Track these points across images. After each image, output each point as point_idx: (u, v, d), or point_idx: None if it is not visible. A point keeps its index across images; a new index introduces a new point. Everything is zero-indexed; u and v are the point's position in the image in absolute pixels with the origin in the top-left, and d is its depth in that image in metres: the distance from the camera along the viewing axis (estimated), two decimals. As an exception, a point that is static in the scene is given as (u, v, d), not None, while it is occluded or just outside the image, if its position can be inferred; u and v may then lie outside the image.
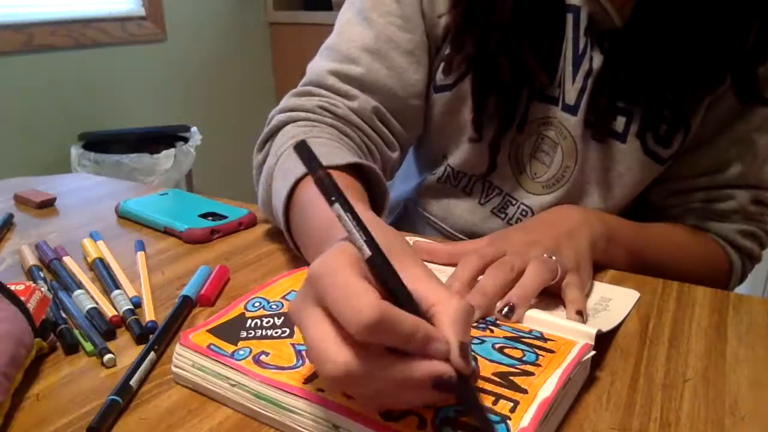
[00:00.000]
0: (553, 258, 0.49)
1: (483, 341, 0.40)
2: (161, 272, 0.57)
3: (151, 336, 0.44)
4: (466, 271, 0.48)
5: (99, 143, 1.88)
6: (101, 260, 0.57)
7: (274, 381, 0.36)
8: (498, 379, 0.36)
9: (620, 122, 0.63)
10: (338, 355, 0.30)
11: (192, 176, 2.11)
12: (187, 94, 2.33)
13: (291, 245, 0.55)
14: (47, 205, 0.76)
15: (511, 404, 0.34)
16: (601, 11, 0.60)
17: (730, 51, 0.58)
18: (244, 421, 0.37)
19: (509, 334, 0.42)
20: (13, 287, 0.44)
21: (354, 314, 0.29)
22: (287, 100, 0.65)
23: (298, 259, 0.55)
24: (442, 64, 0.66)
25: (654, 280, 0.55)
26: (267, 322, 0.42)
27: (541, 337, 0.41)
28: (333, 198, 0.34)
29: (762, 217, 0.67)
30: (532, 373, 0.37)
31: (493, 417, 0.33)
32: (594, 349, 0.40)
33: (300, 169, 0.52)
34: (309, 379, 0.36)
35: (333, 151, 0.56)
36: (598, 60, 0.62)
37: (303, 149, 0.35)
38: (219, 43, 2.43)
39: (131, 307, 0.49)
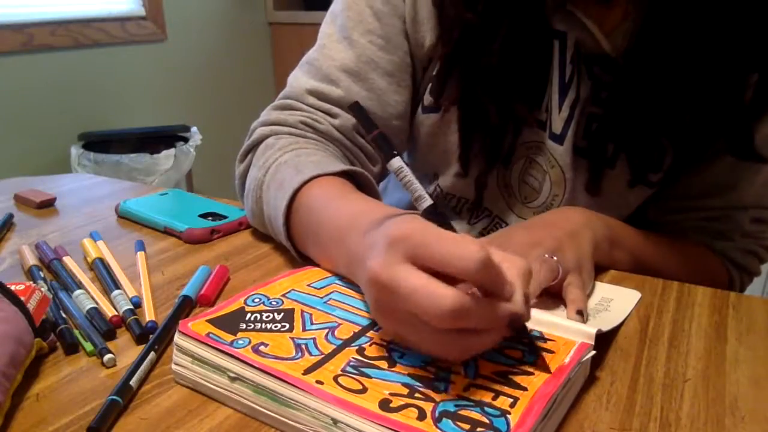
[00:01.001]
0: (555, 258, 0.49)
1: None
2: (161, 272, 0.57)
3: (151, 336, 0.44)
4: None
5: (99, 143, 1.88)
6: (101, 260, 0.57)
7: (273, 369, 0.36)
8: (498, 377, 0.37)
9: (609, 148, 0.63)
10: (449, 292, 0.33)
11: (192, 176, 2.12)
12: (187, 94, 2.33)
13: (291, 249, 0.55)
14: (47, 205, 0.76)
15: (511, 400, 0.34)
16: (589, 37, 0.60)
17: (725, 104, 0.58)
18: (244, 420, 0.37)
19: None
20: (13, 287, 0.44)
21: (464, 258, 0.34)
22: (269, 114, 0.66)
23: (296, 259, 0.55)
24: (430, 85, 0.66)
25: (654, 281, 0.55)
26: (267, 317, 0.42)
27: (541, 338, 0.41)
28: (395, 152, 0.40)
29: (761, 234, 0.67)
30: (531, 373, 0.37)
31: (492, 411, 0.33)
32: (594, 349, 0.40)
33: (297, 179, 0.53)
34: (308, 371, 0.36)
35: (324, 160, 0.57)
36: (585, 88, 0.61)
37: (358, 111, 0.41)
38: (219, 43, 2.43)
39: (131, 307, 0.49)
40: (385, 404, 0.33)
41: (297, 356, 0.38)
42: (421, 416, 0.33)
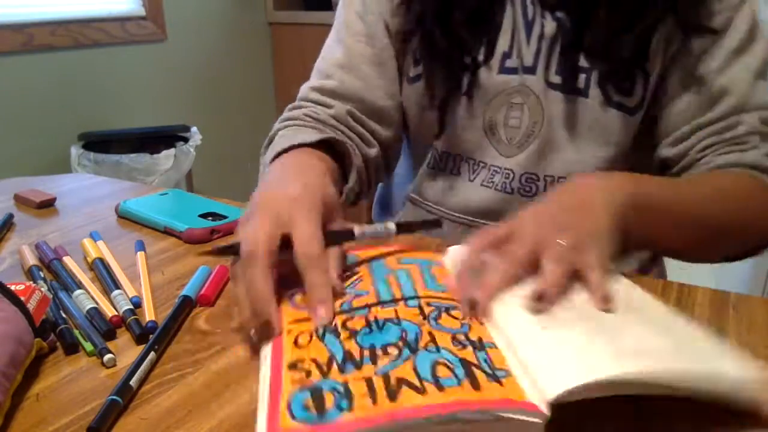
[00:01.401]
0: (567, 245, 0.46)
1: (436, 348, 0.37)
2: (161, 272, 0.57)
3: (151, 336, 0.44)
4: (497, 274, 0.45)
5: (99, 143, 1.88)
6: (101, 260, 0.57)
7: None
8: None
9: (581, 79, 0.68)
10: None
11: (192, 176, 2.12)
12: (187, 94, 2.33)
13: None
14: (47, 205, 0.76)
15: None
16: None
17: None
18: (244, 420, 0.37)
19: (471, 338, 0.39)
20: (13, 287, 0.44)
21: None
22: (285, 114, 0.75)
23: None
24: (410, 57, 0.75)
25: (654, 281, 0.55)
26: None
27: (494, 366, 0.36)
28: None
29: None
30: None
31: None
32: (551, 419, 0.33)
33: (284, 144, 0.63)
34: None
35: (301, 133, 0.66)
36: (549, 22, 0.68)
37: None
38: (219, 43, 2.43)
39: (131, 307, 0.49)
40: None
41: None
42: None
